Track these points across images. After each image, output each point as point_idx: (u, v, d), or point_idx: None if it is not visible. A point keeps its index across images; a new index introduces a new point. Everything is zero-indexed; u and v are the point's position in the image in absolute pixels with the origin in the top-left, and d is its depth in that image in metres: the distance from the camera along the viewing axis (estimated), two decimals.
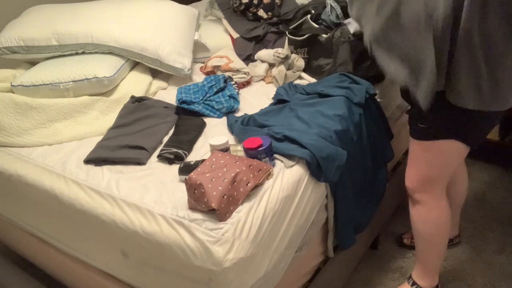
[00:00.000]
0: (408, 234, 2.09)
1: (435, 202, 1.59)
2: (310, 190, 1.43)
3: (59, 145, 1.70)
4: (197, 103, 1.80)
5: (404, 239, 2.10)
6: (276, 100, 1.73)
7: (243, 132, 1.55)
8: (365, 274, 1.98)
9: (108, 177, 1.47)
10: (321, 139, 1.45)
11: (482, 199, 2.31)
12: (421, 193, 1.59)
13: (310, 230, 1.49)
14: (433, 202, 1.59)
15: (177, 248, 1.23)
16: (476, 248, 2.05)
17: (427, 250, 1.69)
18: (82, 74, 1.82)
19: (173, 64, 1.98)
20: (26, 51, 2.03)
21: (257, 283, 1.27)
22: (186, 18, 2.21)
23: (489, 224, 2.17)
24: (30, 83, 1.83)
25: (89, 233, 1.50)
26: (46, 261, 1.87)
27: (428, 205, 1.59)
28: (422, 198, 1.59)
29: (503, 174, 2.45)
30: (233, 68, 1.99)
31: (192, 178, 1.23)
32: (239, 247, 1.20)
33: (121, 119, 1.76)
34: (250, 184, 1.25)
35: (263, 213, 1.26)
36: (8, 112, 1.76)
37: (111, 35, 1.97)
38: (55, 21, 2.04)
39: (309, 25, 1.97)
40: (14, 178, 1.62)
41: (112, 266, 1.52)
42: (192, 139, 1.61)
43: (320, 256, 1.66)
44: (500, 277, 1.91)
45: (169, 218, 1.27)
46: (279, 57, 1.91)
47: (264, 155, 1.37)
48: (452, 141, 1.44)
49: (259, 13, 2.24)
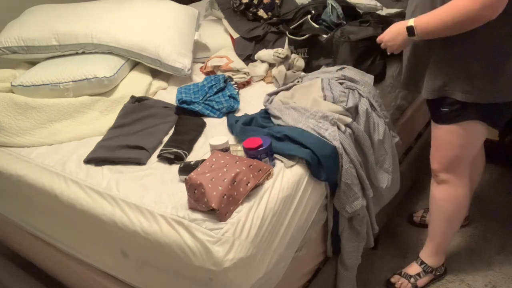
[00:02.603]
0: (419, 212, 2.21)
1: (458, 180, 1.67)
2: (310, 190, 1.43)
3: (59, 145, 1.70)
4: (197, 103, 1.80)
5: (415, 217, 2.21)
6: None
7: (243, 132, 1.55)
8: (365, 274, 1.98)
9: (108, 177, 1.47)
10: (321, 139, 1.46)
11: (482, 199, 2.31)
12: (446, 173, 1.66)
13: (310, 230, 1.49)
14: (457, 180, 1.67)
15: (177, 248, 1.23)
16: (476, 248, 2.05)
17: (443, 228, 1.78)
18: (82, 74, 1.82)
19: (173, 64, 1.98)
20: (26, 51, 2.03)
21: (257, 283, 1.27)
22: (186, 18, 2.21)
23: (489, 224, 2.17)
24: (30, 83, 1.83)
25: (89, 233, 1.50)
26: (46, 261, 1.87)
27: (452, 184, 1.67)
28: (447, 178, 1.67)
29: (503, 174, 2.45)
30: (233, 68, 1.99)
31: (192, 178, 1.23)
32: (239, 247, 1.20)
33: (121, 119, 1.76)
34: (250, 184, 1.25)
35: (263, 213, 1.26)
36: (8, 112, 1.76)
37: (111, 35, 1.97)
38: (55, 21, 2.04)
39: (309, 25, 1.97)
40: (14, 178, 1.62)
41: (112, 266, 1.52)
42: (192, 139, 1.61)
43: (320, 256, 1.66)
44: (500, 277, 1.91)
45: (169, 218, 1.26)
46: (279, 57, 1.91)
47: (264, 155, 1.37)
48: (475, 121, 1.50)
49: (259, 13, 2.24)
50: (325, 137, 1.47)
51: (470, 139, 1.57)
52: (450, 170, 1.65)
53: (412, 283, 1.86)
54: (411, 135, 2.24)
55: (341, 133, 1.51)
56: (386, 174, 1.71)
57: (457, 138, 1.56)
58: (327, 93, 1.62)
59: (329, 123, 1.51)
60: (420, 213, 2.20)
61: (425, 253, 1.87)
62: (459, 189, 1.69)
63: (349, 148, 1.50)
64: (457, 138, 1.56)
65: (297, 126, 1.51)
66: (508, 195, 2.32)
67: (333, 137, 1.47)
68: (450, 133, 1.57)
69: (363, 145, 1.59)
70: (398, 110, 2.01)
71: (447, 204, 1.72)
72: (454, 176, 1.66)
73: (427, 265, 1.86)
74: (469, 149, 1.61)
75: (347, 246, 1.63)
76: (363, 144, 1.59)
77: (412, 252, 2.05)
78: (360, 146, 1.59)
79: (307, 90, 1.69)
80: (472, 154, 1.64)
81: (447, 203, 1.72)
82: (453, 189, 1.68)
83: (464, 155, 1.62)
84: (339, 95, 1.60)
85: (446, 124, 1.56)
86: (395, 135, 1.79)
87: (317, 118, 1.53)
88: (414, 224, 2.20)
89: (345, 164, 1.47)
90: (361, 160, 1.57)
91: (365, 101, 1.64)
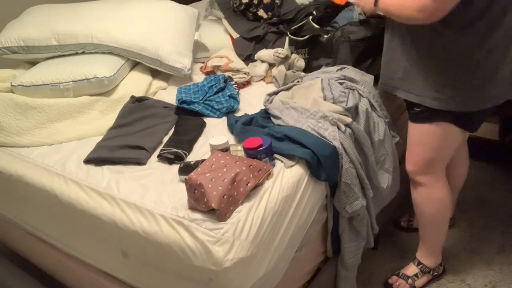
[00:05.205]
0: (405, 217, 2.17)
1: (436, 182, 1.67)
2: (310, 190, 1.43)
3: (59, 145, 1.70)
4: (197, 103, 1.80)
5: (401, 222, 2.18)
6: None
7: (243, 132, 1.55)
8: (365, 274, 1.98)
9: (108, 177, 1.47)
10: (321, 139, 1.46)
11: (482, 199, 2.31)
12: (422, 175, 1.66)
13: (310, 230, 1.49)
14: (434, 183, 1.66)
15: (177, 248, 1.23)
16: (476, 248, 2.05)
17: (430, 230, 1.77)
18: (82, 74, 1.82)
19: (173, 64, 1.98)
20: (26, 51, 2.03)
21: (257, 283, 1.27)
22: (186, 18, 2.21)
23: (489, 224, 2.16)
24: (30, 83, 1.83)
25: (89, 233, 1.50)
26: (46, 261, 1.87)
27: (429, 186, 1.67)
28: (423, 180, 1.66)
29: (503, 174, 2.45)
30: (233, 68, 1.99)
31: (192, 178, 1.23)
32: (239, 247, 1.20)
33: (121, 119, 1.76)
34: (250, 184, 1.25)
35: (263, 213, 1.26)
36: (8, 112, 1.76)
37: (111, 35, 1.97)
38: (55, 21, 2.04)
39: (310, 26, 1.97)
40: (14, 178, 1.62)
41: (112, 266, 1.52)
42: (192, 139, 1.61)
43: (320, 256, 1.66)
44: (500, 277, 1.91)
45: (169, 218, 1.26)
46: (279, 57, 1.91)
47: (264, 155, 1.37)
48: (447, 124, 1.51)
49: (259, 13, 2.24)
50: (325, 137, 1.47)
51: (443, 141, 1.56)
52: (426, 172, 1.64)
53: (410, 284, 1.85)
54: None
55: (341, 133, 1.51)
56: (387, 174, 1.71)
57: (430, 139, 1.56)
58: (327, 93, 1.62)
59: (329, 123, 1.51)
60: (406, 217, 2.18)
61: (420, 254, 1.86)
62: (438, 191, 1.67)
63: (349, 148, 1.50)
64: (430, 139, 1.56)
65: (297, 126, 1.51)
66: (508, 195, 2.32)
67: (333, 137, 1.47)
68: (423, 133, 1.57)
69: (363, 145, 1.59)
70: (398, 110, 2.01)
71: (427, 207, 1.71)
72: (431, 178, 1.65)
73: (425, 266, 1.86)
74: (443, 151, 1.60)
75: (347, 246, 1.63)
76: (363, 144, 1.59)
77: (412, 253, 2.04)
78: (360, 146, 1.59)
79: (307, 90, 1.69)
80: (447, 156, 1.63)
81: (428, 206, 1.71)
82: (431, 191, 1.67)
83: (438, 157, 1.61)
84: (339, 95, 1.60)
85: (419, 123, 1.56)
86: (395, 135, 1.79)
87: (317, 118, 1.53)
88: (402, 229, 2.16)
89: (345, 164, 1.47)
90: (361, 160, 1.57)
91: (365, 101, 1.64)
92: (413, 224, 2.14)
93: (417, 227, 1.85)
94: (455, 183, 1.90)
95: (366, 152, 1.60)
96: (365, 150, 1.59)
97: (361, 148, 1.59)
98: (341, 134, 1.50)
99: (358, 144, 1.58)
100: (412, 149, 1.65)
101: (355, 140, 1.57)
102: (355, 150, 1.54)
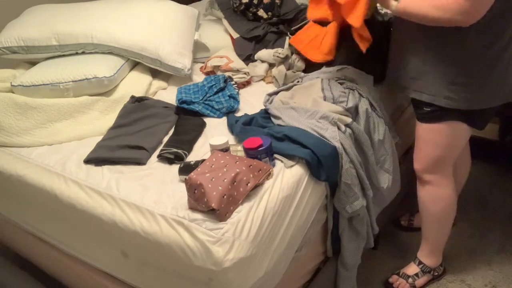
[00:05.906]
0: (405, 216, 2.18)
1: (443, 181, 1.67)
2: (310, 190, 1.43)
3: (59, 145, 1.70)
4: (197, 103, 1.80)
5: (402, 221, 2.18)
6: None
7: (243, 132, 1.55)
8: (365, 274, 1.98)
9: (108, 177, 1.47)
10: (321, 139, 1.46)
11: (482, 199, 2.31)
12: (429, 174, 1.66)
13: (310, 230, 1.49)
14: (441, 181, 1.67)
15: (177, 248, 1.23)
16: (476, 248, 2.05)
17: (435, 229, 1.78)
18: (82, 74, 1.82)
19: (173, 64, 1.98)
20: (26, 51, 2.03)
21: (257, 283, 1.27)
22: (186, 18, 2.21)
23: (489, 224, 2.17)
24: (30, 83, 1.83)
25: (89, 233, 1.50)
26: (46, 261, 1.87)
27: (437, 184, 1.67)
28: (431, 179, 1.67)
29: (503, 174, 2.45)
30: (233, 68, 1.99)
31: (192, 178, 1.23)
32: (239, 247, 1.20)
33: (121, 119, 1.76)
34: (250, 184, 1.25)
35: (263, 213, 1.26)
36: (8, 112, 1.76)
37: (111, 35, 1.97)
38: (55, 21, 2.04)
39: None
40: (14, 178, 1.62)
41: (112, 266, 1.52)
42: (192, 139, 1.61)
43: (320, 256, 1.66)
44: (500, 277, 1.91)
45: (169, 218, 1.26)
46: (279, 57, 1.91)
47: (264, 155, 1.37)
48: (457, 122, 1.51)
49: (259, 13, 2.24)
50: (325, 137, 1.47)
51: (452, 139, 1.57)
52: (434, 170, 1.65)
53: (410, 283, 1.86)
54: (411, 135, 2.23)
55: (341, 133, 1.51)
56: (387, 174, 1.71)
57: (440, 138, 1.57)
58: (327, 93, 1.62)
59: (329, 123, 1.51)
60: (407, 217, 2.18)
61: (421, 253, 1.87)
62: (444, 189, 1.68)
63: (349, 148, 1.50)
64: (439, 137, 1.57)
65: (297, 126, 1.51)
66: (508, 195, 2.32)
67: (333, 137, 1.47)
68: (432, 132, 1.57)
69: (363, 145, 1.59)
70: (398, 110, 2.01)
71: (433, 205, 1.72)
72: (438, 177, 1.66)
73: (425, 265, 1.86)
74: (452, 150, 1.61)
75: (347, 246, 1.63)
76: (363, 144, 1.59)
77: (412, 253, 2.04)
78: (360, 146, 1.59)
79: (307, 90, 1.69)
80: (455, 155, 1.64)
81: (433, 204, 1.71)
82: (438, 190, 1.68)
83: (447, 156, 1.61)
84: (339, 95, 1.61)
85: (428, 123, 1.56)
86: (395, 135, 1.79)
87: (317, 118, 1.53)
88: (403, 229, 2.17)
89: (345, 164, 1.48)
90: (361, 160, 1.57)
91: (365, 101, 1.64)
92: (414, 223, 2.14)
93: (418, 226, 1.85)
94: (457, 182, 1.89)
95: (366, 152, 1.60)
96: (365, 150, 1.59)
97: (361, 148, 1.59)
98: (341, 134, 1.50)
99: (358, 144, 1.58)
100: (420, 147, 1.65)
101: (355, 140, 1.57)
102: (355, 150, 1.54)
